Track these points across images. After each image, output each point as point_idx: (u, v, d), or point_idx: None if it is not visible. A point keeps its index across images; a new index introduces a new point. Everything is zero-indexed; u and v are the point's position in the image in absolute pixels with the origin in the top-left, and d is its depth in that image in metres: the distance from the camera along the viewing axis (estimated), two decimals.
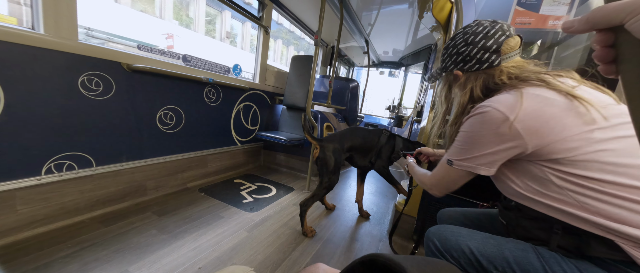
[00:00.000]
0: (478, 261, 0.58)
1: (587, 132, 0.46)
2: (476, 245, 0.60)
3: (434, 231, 0.69)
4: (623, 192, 0.44)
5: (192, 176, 1.86)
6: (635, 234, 0.43)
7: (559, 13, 1.09)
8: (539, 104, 0.50)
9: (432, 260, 0.27)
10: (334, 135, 1.46)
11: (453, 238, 0.63)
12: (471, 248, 0.60)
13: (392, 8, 2.33)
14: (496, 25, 0.61)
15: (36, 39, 1.01)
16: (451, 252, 0.62)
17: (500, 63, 0.60)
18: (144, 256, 1.05)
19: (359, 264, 0.25)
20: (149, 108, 1.49)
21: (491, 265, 0.57)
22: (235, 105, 2.15)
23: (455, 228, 0.67)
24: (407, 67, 4.40)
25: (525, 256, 0.55)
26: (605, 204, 0.45)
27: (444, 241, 0.64)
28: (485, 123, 0.54)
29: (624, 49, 0.23)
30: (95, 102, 1.24)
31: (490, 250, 0.58)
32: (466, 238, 0.62)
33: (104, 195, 1.35)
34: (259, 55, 2.37)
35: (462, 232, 0.64)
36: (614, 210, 0.45)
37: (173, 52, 1.72)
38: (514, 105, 0.51)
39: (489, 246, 0.59)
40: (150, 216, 1.36)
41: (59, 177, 1.17)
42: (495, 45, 0.59)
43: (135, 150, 1.47)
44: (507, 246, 0.58)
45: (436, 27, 2.38)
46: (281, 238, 1.31)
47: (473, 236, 0.63)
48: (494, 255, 0.57)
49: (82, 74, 1.17)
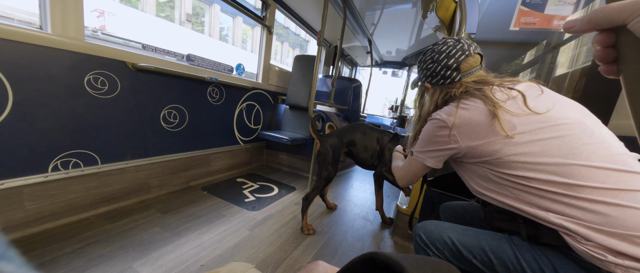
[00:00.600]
0: (459, 251, 0.64)
1: (506, 138, 0.55)
2: (457, 236, 0.66)
3: (420, 225, 0.75)
4: (544, 186, 0.51)
5: (195, 174, 1.88)
6: (558, 221, 0.50)
7: (564, 13, 1.08)
8: (469, 113, 0.61)
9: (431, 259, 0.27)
10: (334, 131, 1.53)
11: (436, 230, 0.70)
12: (452, 239, 0.66)
13: (396, 8, 2.32)
14: (458, 44, 0.70)
15: (44, 39, 1.03)
16: (435, 243, 0.68)
17: (461, 79, 0.69)
18: (148, 253, 1.07)
19: (358, 262, 0.25)
20: (153, 107, 1.51)
21: (470, 254, 0.63)
22: (238, 104, 2.17)
23: (439, 222, 0.73)
24: (410, 67, 4.37)
25: (500, 245, 0.60)
26: (533, 196, 0.53)
27: (428, 234, 0.70)
28: (433, 127, 0.67)
29: (626, 50, 0.22)
30: (101, 101, 1.26)
31: (469, 240, 0.64)
32: (448, 231, 0.68)
33: (108, 193, 1.37)
34: (262, 55, 2.38)
35: (445, 226, 0.70)
36: (539, 201, 0.53)
37: (177, 52, 1.73)
38: (451, 114, 0.63)
39: (467, 237, 0.65)
40: (154, 213, 1.38)
41: (65, 174, 1.19)
42: (455, 63, 0.69)
43: (139, 149, 1.49)
44: (483, 236, 0.64)
45: (440, 26, 2.37)
46: (282, 237, 1.32)
47: (454, 228, 0.69)
48: (472, 245, 0.63)
49: (88, 73, 1.19)
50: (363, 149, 1.49)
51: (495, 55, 1.34)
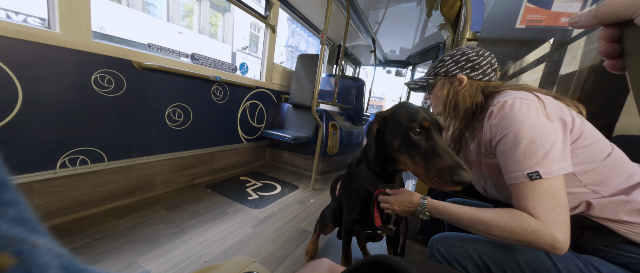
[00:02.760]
0: (487, 267, 0.56)
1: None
2: (484, 249, 0.57)
3: (437, 239, 0.66)
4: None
5: (199, 172, 1.90)
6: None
7: (571, 10, 1.06)
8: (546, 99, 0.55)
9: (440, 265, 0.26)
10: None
11: (458, 243, 0.61)
12: (479, 253, 0.57)
13: (400, 6, 2.30)
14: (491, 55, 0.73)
15: (52, 38, 1.05)
16: (458, 258, 0.60)
17: (493, 80, 0.71)
18: (153, 248, 1.08)
19: (365, 264, 0.25)
20: (158, 105, 1.53)
21: (501, 269, 0.54)
22: (242, 103, 2.18)
23: (458, 234, 0.64)
24: (414, 66, 4.34)
25: (537, 256, 0.53)
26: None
27: (449, 248, 0.62)
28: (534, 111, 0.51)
29: (631, 44, 0.22)
30: (107, 99, 1.28)
31: (499, 253, 0.56)
32: (472, 243, 0.59)
33: (115, 189, 1.39)
34: (265, 54, 2.39)
35: (467, 237, 0.62)
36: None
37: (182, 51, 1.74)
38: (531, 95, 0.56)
39: (497, 249, 0.57)
40: (158, 210, 1.40)
41: (73, 170, 1.21)
42: (496, 65, 0.71)
43: (144, 146, 1.51)
44: (516, 247, 0.55)
45: (445, 25, 2.35)
46: (285, 235, 1.32)
47: (478, 239, 0.60)
48: (504, 259, 0.55)
49: (95, 71, 1.21)
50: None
51: (501, 53, 1.32)
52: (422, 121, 0.58)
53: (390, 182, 0.73)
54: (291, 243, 1.26)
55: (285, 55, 16.62)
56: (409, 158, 0.59)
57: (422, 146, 0.56)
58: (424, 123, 0.58)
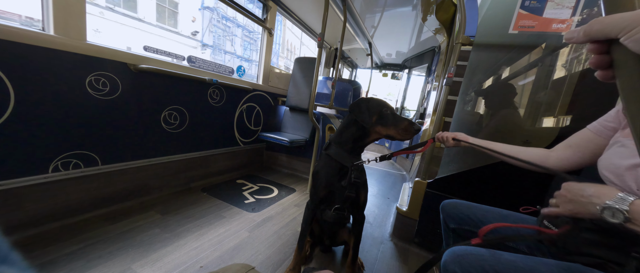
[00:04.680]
0: None
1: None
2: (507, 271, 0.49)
3: (452, 254, 0.56)
4: None
5: (195, 176, 1.88)
6: None
7: (562, 16, 1.09)
8: None
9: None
10: None
11: (476, 262, 0.53)
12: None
13: (396, 10, 2.34)
14: None
15: (46, 40, 1.04)
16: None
17: None
18: (147, 254, 1.06)
19: None
20: (153, 108, 1.51)
21: None
22: (239, 106, 2.17)
23: (474, 250, 0.56)
24: (410, 70, 4.39)
25: None
26: None
27: (467, 267, 0.53)
28: None
29: (619, 56, 0.23)
30: (102, 102, 1.26)
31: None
32: (495, 263, 0.51)
33: (108, 194, 1.37)
34: (262, 57, 2.39)
35: (485, 255, 0.53)
36: None
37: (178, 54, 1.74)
38: None
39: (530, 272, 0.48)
40: (153, 215, 1.38)
41: (66, 175, 1.19)
42: None
43: (139, 150, 1.49)
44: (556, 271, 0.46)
45: (440, 29, 2.39)
46: (282, 239, 1.32)
47: (504, 259, 0.51)
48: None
49: (90, 74, 1.20)
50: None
51: (495, 58, 1.34)
52: (386, 105, 0.91)
53: (357, 156, 0.93)
54: (288, 247, 1.25)
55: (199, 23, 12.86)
56: (382, 126, 0.88)
57: (390, 117, 0.89)
58: (388, 105, 0.91)
